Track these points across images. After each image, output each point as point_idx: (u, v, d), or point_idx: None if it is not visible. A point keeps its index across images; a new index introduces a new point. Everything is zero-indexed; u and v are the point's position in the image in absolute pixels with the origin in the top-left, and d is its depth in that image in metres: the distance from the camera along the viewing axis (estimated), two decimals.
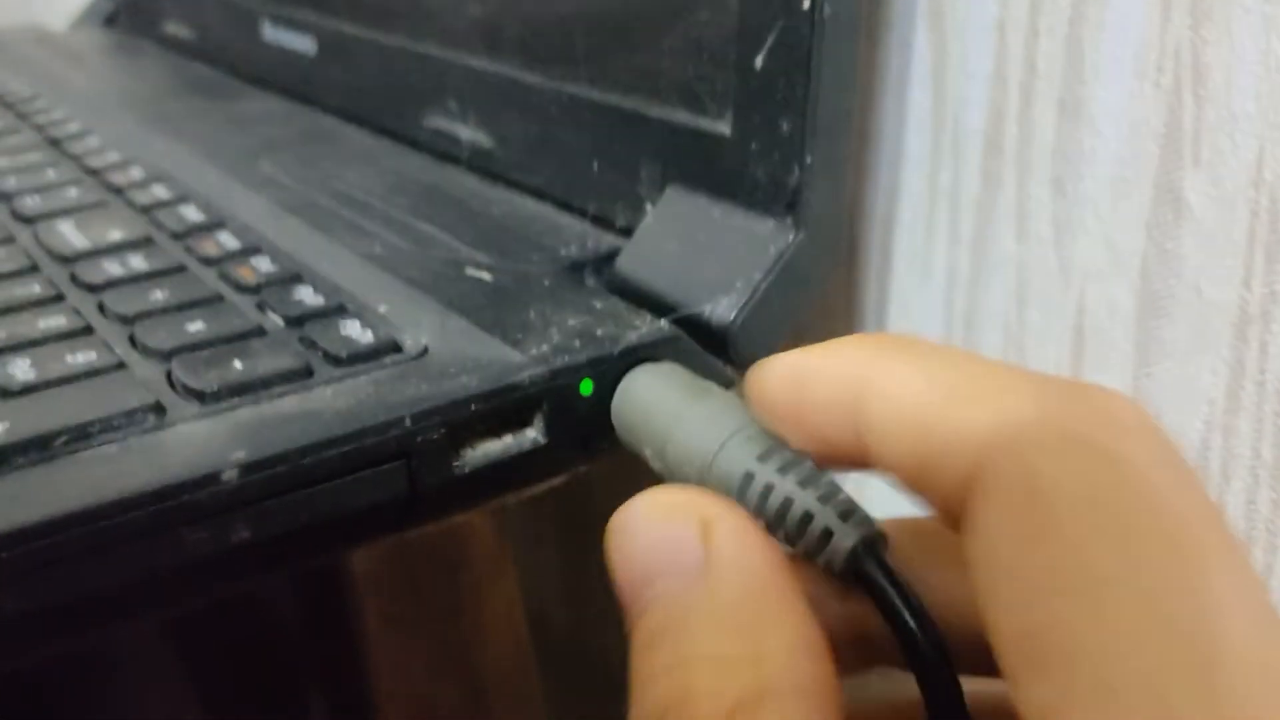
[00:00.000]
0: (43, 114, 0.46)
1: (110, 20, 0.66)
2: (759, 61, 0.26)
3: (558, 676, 0.42)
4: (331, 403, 0.23)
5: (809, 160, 0.26)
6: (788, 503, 0.21)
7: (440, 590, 0.38)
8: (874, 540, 0.20)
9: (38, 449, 0.22)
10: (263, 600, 0.40)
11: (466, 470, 0.23)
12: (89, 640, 0.23)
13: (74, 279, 0.29)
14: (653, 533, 0.18)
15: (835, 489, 0.21)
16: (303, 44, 0.46)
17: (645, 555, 0.18)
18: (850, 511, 0.21)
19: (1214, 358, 0.27)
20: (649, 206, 0.30)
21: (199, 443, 0.22)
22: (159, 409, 0.23)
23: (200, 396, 0.23)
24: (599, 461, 0.26)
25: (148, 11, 0.62)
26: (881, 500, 0.21)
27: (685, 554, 0.18)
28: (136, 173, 0.37)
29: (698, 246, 0.28)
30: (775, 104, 0.26)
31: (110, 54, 0.61)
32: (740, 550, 0.18)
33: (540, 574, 0.47)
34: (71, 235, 0.32)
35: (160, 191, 0.35)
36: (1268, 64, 0.25)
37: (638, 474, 0.26)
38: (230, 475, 0.21)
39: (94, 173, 0.38)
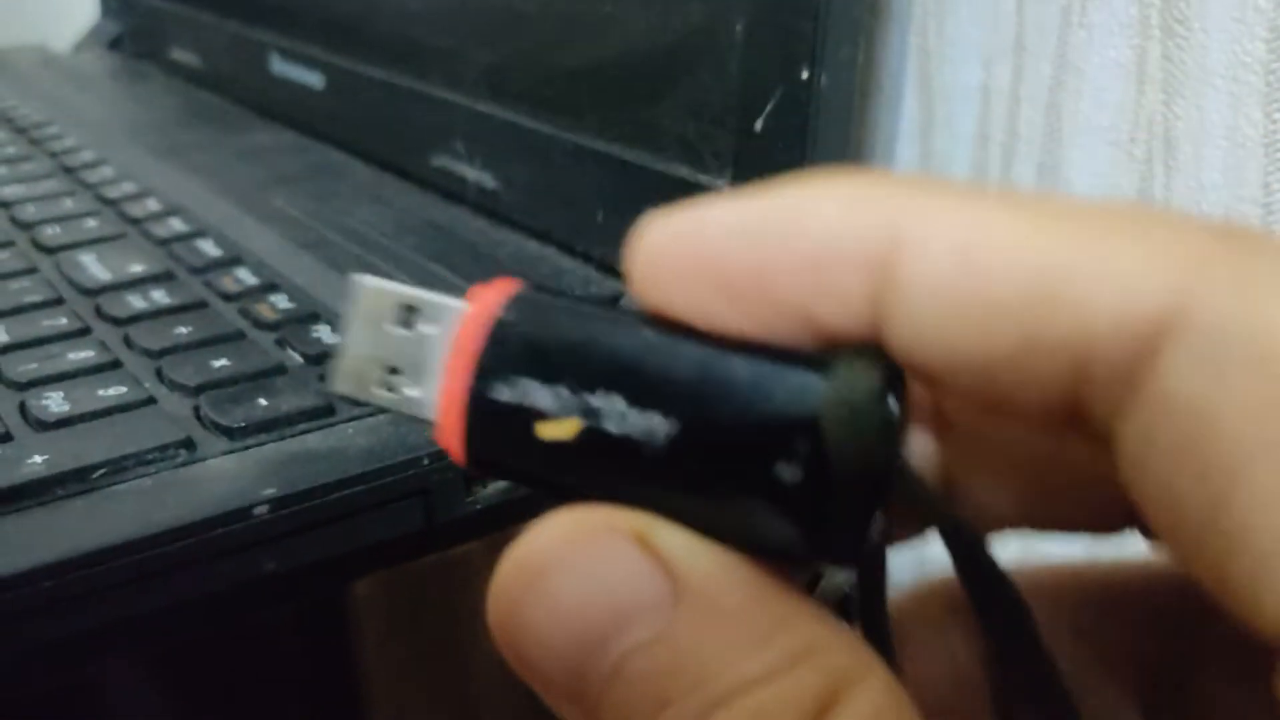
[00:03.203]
0: (55, 141, 0.47)
1: (115, 43, 0.67)
2: (759, 125, 0.28)
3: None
4: (354, 441, 0.24)
5: None
6: None
7: (437, 618, 0.39)
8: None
9: (76, 481, 0.23)
10: (261, 626, 0.41)
11: (479, 506, 0.25)
12: (117, 662, 0.24)
13: (99, 312, 0.31)
14: (582, 576, 0.13)
15: None
16: (311, 78, 0.47)
17: (582, 611, 0.13)
18: None
19: None
20: None
21: (229, 478, 0.23)
22: (189, 444, 0.24)
23: (229, 433, 0.25)
24: None
25: (153, 36, 0.63)
26: None
27: (643, 584, 0.13)
28: (153, 204, 0.39)
29: None
30: (773, 165, 0.28)
31: (117, 79, 0.62)
32: (695, 552, 0.14)
33: None
34: (94, 268, 0.33)
35: (177, 224, 0.37)
36: (1234, 139, 0.27)
37: None
38: (261, 510, 0.22)
39: (111, 203, 0.39)
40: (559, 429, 0.14)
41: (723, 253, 0.14)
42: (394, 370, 0.15)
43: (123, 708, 0.38)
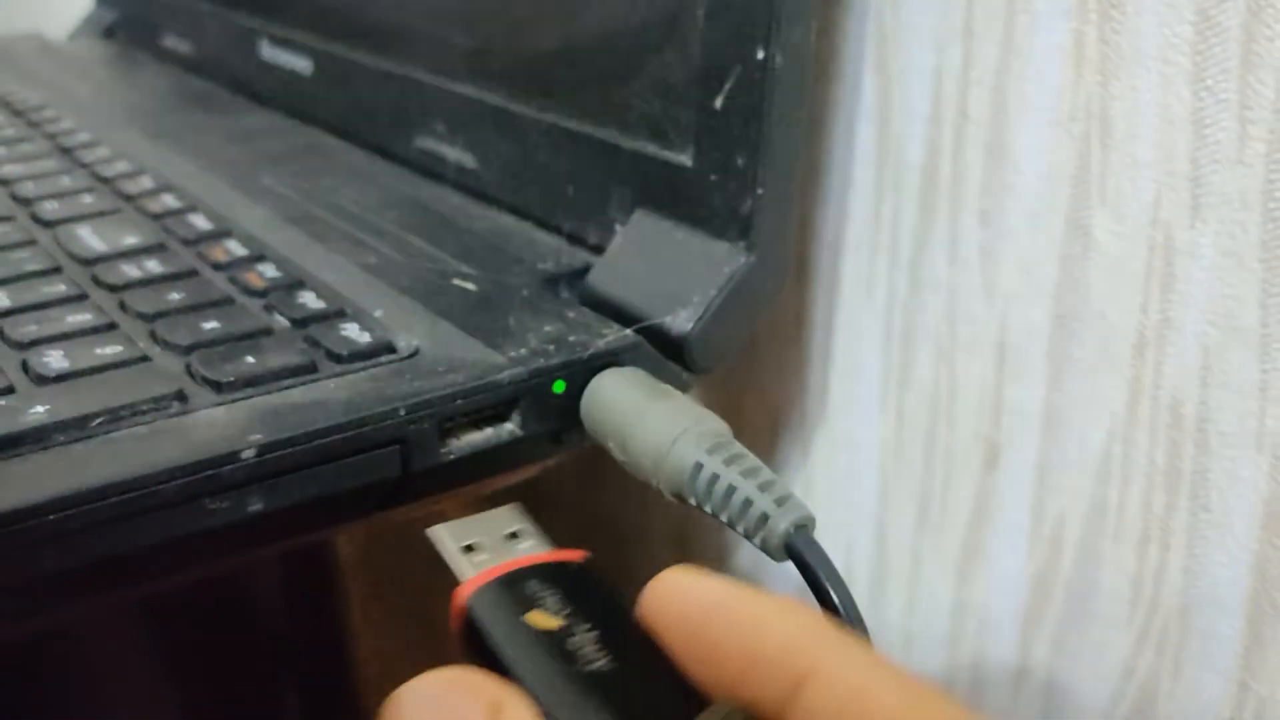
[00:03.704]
0: (52, 123, 0.49)
1: (109, 32, 0.69)
2: (718, 102, 0.30)
3: None
4: (334, 394, 0.26)
5: (760, 191, 0.29)
6: (731, 489, 0.24)
7: (418, 579, 0.41)
8: (805, 523, 0.24)
9: (76, 428, 0.25)
10: (251, 587, 0.43)
11: (452, 457, 0.27)
12: (117, 599, 0.26)
13: (95, 280, 0.32)
14: (442, 715, 0.18)
15: (772, 480, 0.25)
16: (299, 64, 0.49)
17: None
18: (785, 498, 0.24)
19: (1115, 376, 0.31)
20: (619, 227, 0.33)
21: (219, 426, 0.25)
22: (181, 396, 0.26)
23: (217, 386, 0.26)
24: (568, 453, 0.29)
25: (147, 25, 0.65)
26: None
27: None
28: (146, 182, 0.40)
29: (661, 265, 0.31)
30: (732, 141, 0.29)
31: (111, 65, 0.64)
32: None
33: None
34: (90, 239, 0.35)
35: (170, 200, 0.38)
36: (1165, 117, 0.29)
37: (604, 468, 0.29)
38: (249, 453, 0.24)
39: (106, 181, 0.41)
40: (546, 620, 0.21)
41: (699, 623, 0.20)
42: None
43: (111, 667, 0.40)
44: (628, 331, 0.29)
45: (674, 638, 0.20)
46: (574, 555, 0.23)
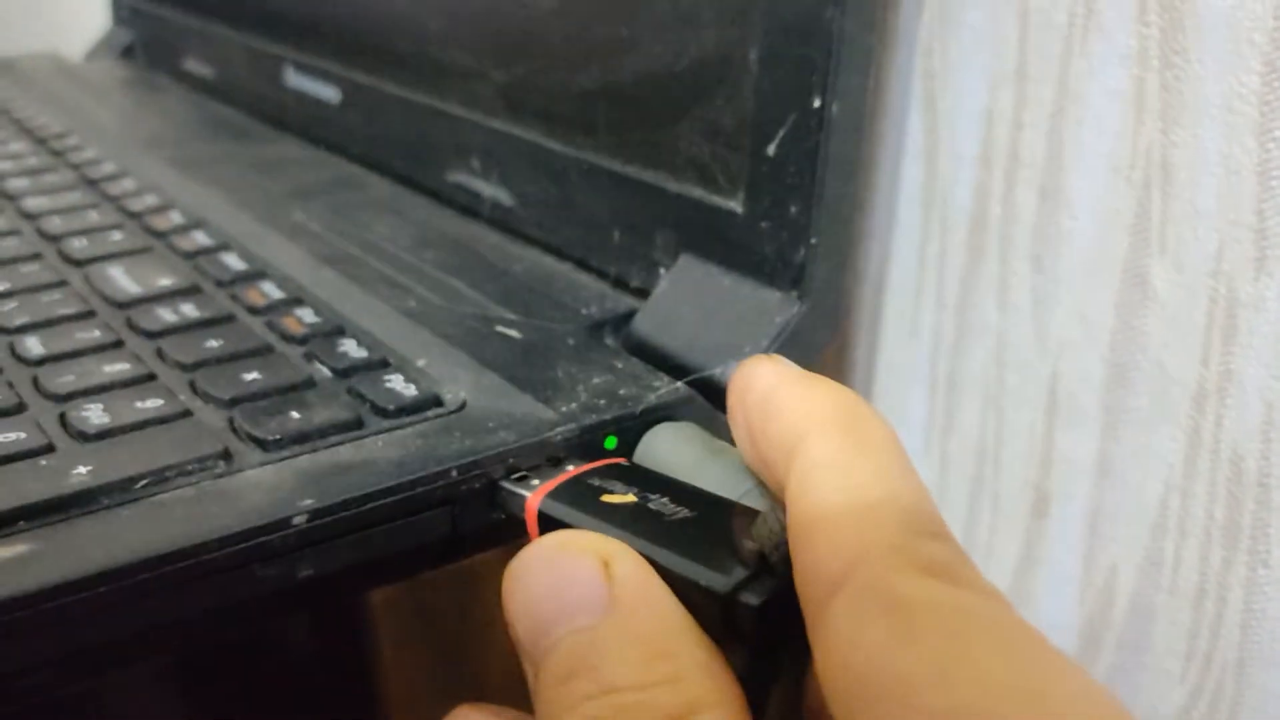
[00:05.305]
0: (76, 152, 0.48)
1: (127, 52, 0.68)
2: (771, 149, 0.29)
3: None
4: (383, 453, 0.25)
5: (814, 241, 0.29)
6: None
7: (452, 623, 0.40)
8: None
9: (120, 490, 0.24)
10: (280, 627, 0.42)
11: (502, 515, 0.26)
12: (157, 662, 0.25)
13: (131, 325, 0.32)
14: (556, 573, 0.20)
15: None
16: (326, 92, 0.48)
17: (550, 596, 0.19)
18: None
19: (1173, 427, 0.30)
20: (663, 272, 0.32)
21: (268, 489, 0.24)
22: (227, 455, 0.25)
23: (263, 444, 0.26)
24: None
25: (166, 47, 0.64)
26: None
27: (591, 591, 0.19)
28: (176, 217, 0.40)
29: (708, 312, 0.31)
30: (785, 188, 0.29)
31: (131, 89, 0.63)
32: (640, 583, 0.20)
33: None
34: (123, 280, 0.34)
35: (201, 238, 0.38)
36: (1228, 166, 0.28)
37: None
38: (300, 520, 0.23)
39: (135, 216, 0.40)
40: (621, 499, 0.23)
41: (755, 405, 0.22)
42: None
43: (145, 712, 0.39)
44: (679, 384, 0.29)
45: (739, 420, 0.23)
46: (619, 460, 0.26)
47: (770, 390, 0.22)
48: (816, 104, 0.28)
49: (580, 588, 0.19)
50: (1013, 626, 0.17)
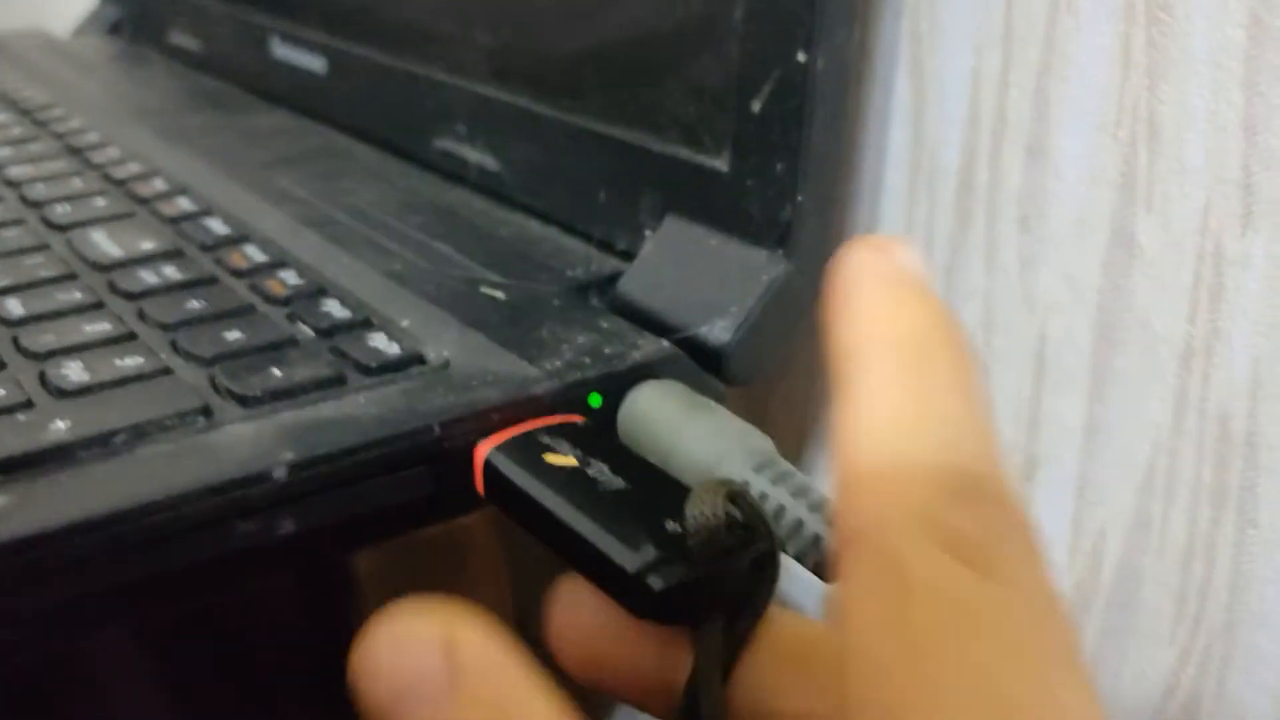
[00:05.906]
0: (60, 122, 0.48)
1: (115, 28, 0.68)
2: (756, 106, 0.29)
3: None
4: (365, 409, 0.25)
5: (800, 198, 0.28)
6: (780, 510, 0.23)
7: (437, 591, 0.40)
8: None
9: (99, 445, 0.24)
10: (263, 599, 0.42)
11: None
12: (136, 624, 0.25)
13: (112, 287, 0.31)
14: (400, 658, 0.18)
15: (823, 499, 0.24)
16: (312, 63, 0.48)
17: (391, 682, 0.18)
18: None
19: (1161, 386, 0.30)
20: (648, 233, 0.32)
21: (248, 443, 0.24)
22: (207, 411, 0.25)
23: (244, 401, 0.26)
24: None
25: (154, 21, 0.64)
26: None
27: (435, 676, 0.18)
28: (160, 184, 0.40)
29: (694, 272, 0.31)
30: (770, 146, 0.29)
31: (118, 63, 0.63)
32: (484, 654, 0.18)
33: (527, 577, 0.49)
34: (105, 244, 0.34)
35: (185, 204, 0.38)
36: (1215, 122, 0.28)
37: None
38: (280, 473, 0.23)
39: (118, 183, 0.40)
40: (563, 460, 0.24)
41: (831, 295, 0.20)
42: None
43: (123, 683, 0.39)
44: (663, 342, 0.28)
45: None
46: (574, 418, 0.26)
47: (852, 286, 0.20)
48: (801, 58, 0.27)
49: (424, 672, 0.18)
50: (1029, 631, 0.15)
